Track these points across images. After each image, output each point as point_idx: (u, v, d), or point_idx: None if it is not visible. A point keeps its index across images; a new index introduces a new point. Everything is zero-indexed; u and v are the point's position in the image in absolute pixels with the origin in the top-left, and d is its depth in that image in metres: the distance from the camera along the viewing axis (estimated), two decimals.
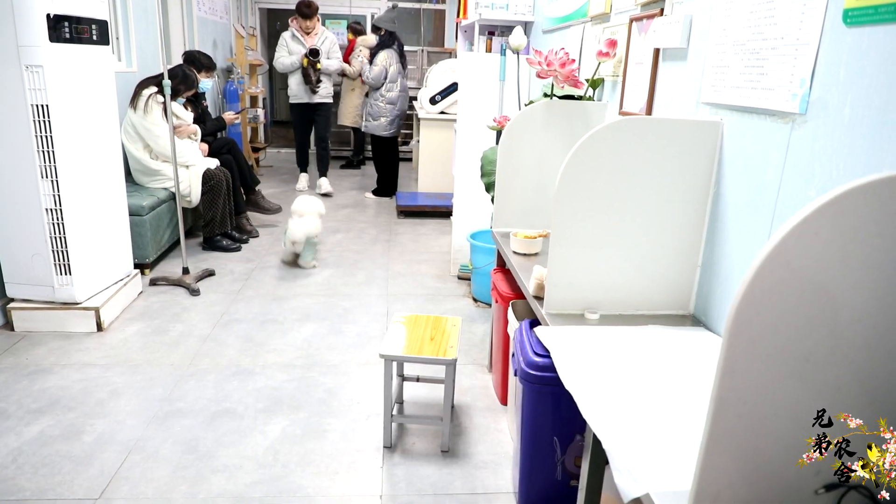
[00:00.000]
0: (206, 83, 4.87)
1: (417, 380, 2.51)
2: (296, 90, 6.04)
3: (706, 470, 0.90)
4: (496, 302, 2.56)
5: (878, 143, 1.18)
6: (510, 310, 2.27)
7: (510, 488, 2.07)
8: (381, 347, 2.18)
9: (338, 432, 2.33)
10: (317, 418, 2.42)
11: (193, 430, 2.31)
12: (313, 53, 5.83)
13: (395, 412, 2.36)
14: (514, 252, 2.35)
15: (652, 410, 1.29)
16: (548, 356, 1.66)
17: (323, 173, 6.44)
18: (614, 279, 1.80)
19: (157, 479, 2.04)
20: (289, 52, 5.91)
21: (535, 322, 1.95)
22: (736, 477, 0.91)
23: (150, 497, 1.96)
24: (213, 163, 4.46)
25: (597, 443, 1.42)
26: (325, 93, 6.14)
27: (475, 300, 3.66)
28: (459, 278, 4.01)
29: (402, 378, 2.50)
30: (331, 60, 6.07)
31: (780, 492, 0.93)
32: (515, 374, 1.89)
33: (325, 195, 6.13)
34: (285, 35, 5.96)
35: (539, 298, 1.89)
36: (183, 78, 4.27)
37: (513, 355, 1.99)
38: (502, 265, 2.67)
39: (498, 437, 2.35)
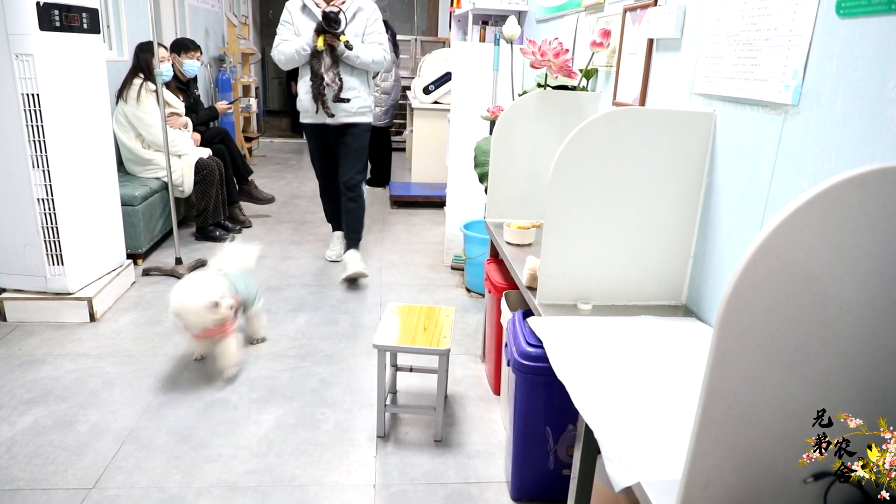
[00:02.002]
0: (193, 65, 4.66)
1: (411, 370, 2.51)
2: (306, 100, 3.57)
3: (696, 459, 0.91)
4: (489, 292, 2.56)
5: (870, 135, 1.18)
6: (503, 300, 2.28)
7: (503, 477, 2.09)
8: (375, 338, 2.18)
9: (331, 422, 2.34)
10: (310, 408, 2.42)
11: (187, 419, 2.31)
12: (329, 21, 3.29)
13: (388, 402, 2.36)
14: (508, 242, 2.35)
15: (643, 400, 1.30)
16: (540, 346, 1.66)
17: (353, 243, 3.85)
18: (607, 270, 1.81)
19: (151, 469, 2.04)
20: (295, 31, 3.48)
21: (528, 312, 1.96)
22: (726, 466, 0.92)
23: (144, 486, 1.96)
24: (206, 152, 4.44)
25: (589, 432, 1.43)
26: (354, 106, 3.56)
27: (468, 290, 3.67)
28: (453, 268, 4.01)
29: (396, 368, 2.50)
30: (370, 46, 3.51)
31: (770, 481, 0.94)
32: (508, 364, 1.90)
33: (352, 279, 3.64)
34: (290, 6, 3.52)
35: (532, 289, 1.90)
36: (148, 49, 4.03)
37: (506, 345, 1.99)
38: (495, 255, 2.67)
39: (491, 426, 2.36)
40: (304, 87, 3.58)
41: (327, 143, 3.77)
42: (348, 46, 3.37)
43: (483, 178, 2.90)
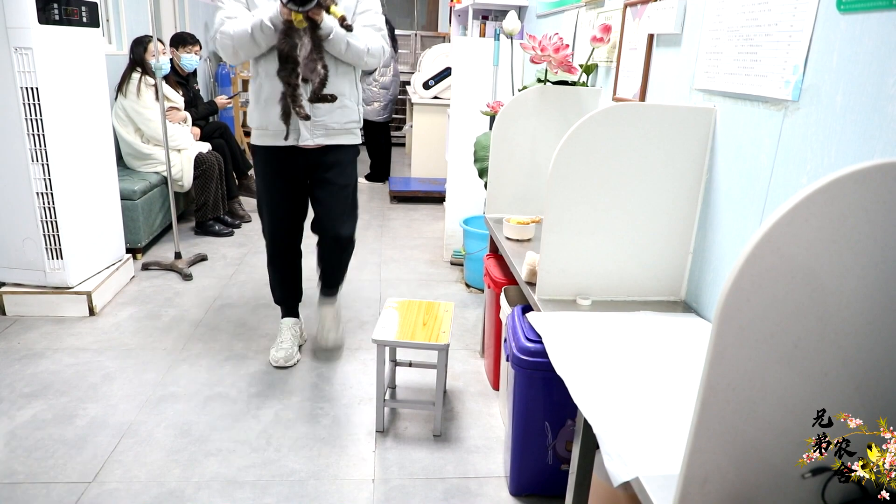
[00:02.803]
0: (192, 59, 4.61)
1: (410, 365, 2.52)
2: (270, 109, 2.37)
3: (695, 454, 0.91)
4: (489, 287, 2.56)
5: (870, 131, 1.18)
6: (503, 295, 2.28)
7: (501, 472, 2.09)
8: (374, 333, 2.18)
9: (330, 417, 2.34)
10: (309, 403, 2.42)
11: (186, 414, 2.31)
12: None
13: (387, 397, 2.36)
14: (507, 238, 2.35)
15: (642, 396, 1.30)
16: (540, 342, 1.66)
17: (331, 291, 2.81)
18: (606, 265, 1.81)
19: (150, 463, 2.04)
20: (247, 6, 2.32)
21: (527, 308, 1.96)
22: (724, 461, 0.92)
23: (143, 480, 1.97)
24: (205, 147, 4.43)
25: (587, 428, 1.44)
26: (340, 120, 2.45)
27: (468, 286, 3.67)
28: (452, 264, 4.01)
29: (395, 363, 2.50)
30: (364, 30, 2.39)
31: (768, 476, 0.94)
32: (507, 360, 1.90)
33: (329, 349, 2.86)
34: None
35: (531, 284, 1.90)
36: (141, 44, 4.08)
37: (505, 341, 2.00)
38: (495, 251, 2.67)
39: (490, 421, 2.37)
40: (264, 90, 2.37)
41: (295, 179, 2.52)
42: (345, 25, 2.22)
43: (483, 173, 2.89)
